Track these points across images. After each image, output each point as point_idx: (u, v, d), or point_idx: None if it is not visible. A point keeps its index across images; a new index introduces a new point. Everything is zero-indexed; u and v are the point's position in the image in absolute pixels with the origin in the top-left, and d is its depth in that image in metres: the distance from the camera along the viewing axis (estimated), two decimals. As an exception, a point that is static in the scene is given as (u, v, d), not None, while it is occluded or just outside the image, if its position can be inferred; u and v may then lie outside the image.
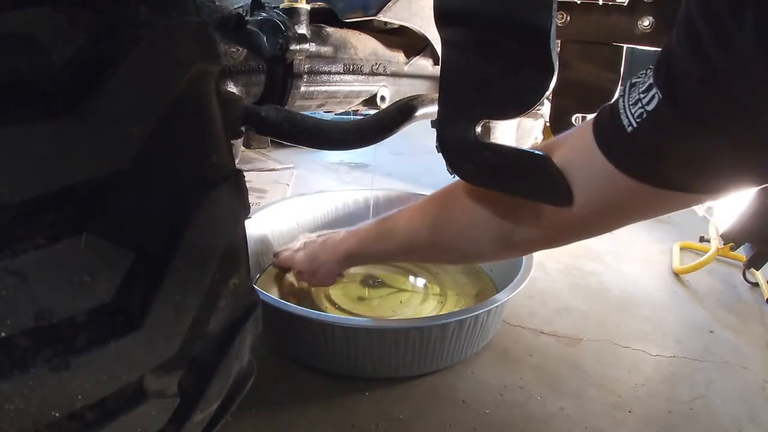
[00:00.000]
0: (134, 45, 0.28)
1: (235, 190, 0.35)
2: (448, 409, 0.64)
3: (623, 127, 0.37)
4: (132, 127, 0.28)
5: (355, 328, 0.64)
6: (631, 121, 0.36)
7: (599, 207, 0.42)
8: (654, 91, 0.35)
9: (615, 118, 0.38)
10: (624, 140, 0.37)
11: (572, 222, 0.44)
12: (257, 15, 0.69)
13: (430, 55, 0.91)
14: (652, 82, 0.35)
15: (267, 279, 0.89)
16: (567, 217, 0.43)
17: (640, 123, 0.36)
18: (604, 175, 0.40)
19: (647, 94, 0.35)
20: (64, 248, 0.25)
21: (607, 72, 0.77)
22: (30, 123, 0.24)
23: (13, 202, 0.24)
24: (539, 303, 0.90)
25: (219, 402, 0.39)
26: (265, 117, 0.58)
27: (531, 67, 0.42)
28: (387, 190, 1.08)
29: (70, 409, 0.27)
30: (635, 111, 0.36)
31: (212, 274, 0.33)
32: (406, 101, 0.65)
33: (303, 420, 0.62)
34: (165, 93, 0.30)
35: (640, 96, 0.36)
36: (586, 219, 0.43)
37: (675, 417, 0.65)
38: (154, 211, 0.30)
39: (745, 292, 0.98)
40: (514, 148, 0.46)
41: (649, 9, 0.69)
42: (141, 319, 0.29)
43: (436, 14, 0.43)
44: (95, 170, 0.26)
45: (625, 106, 0.37)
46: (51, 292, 0.25)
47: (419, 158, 1.78)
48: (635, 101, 0.36)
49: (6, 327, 0.24)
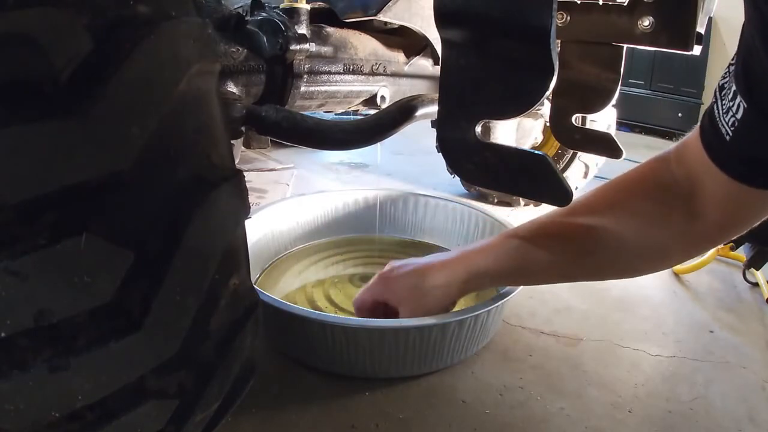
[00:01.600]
0: (134, 45, 0.28)
1: (236, 190, 0.35)
2: (448, 409, 0.64)
3: (723, 136, 0.37)
4: (132, 127, 0.28)
5: (355, 328, 0.64)
6: (727, 129, 0.37)
7: (728, 218, 0.42)
8: (739, 99, 0.35)
9: (715, 129, 0.38)
10: (728, 150, 0.38)
11: (708, 236, 0.44)
12: (257, 15, 0.69)
13: (430, 55, 0.91)
14: (736, 89, 0.36)
15: (267, 279, 0.89)
16: (702, 231, 0.44)
17: (735, 132, 0.36)
18: (724, 189, 0.40)
19: (734, 102, 0.36)
20: (64, 248, 0.25)
21: (607, 72, 0.77)
22: (30, 123, 0.24)
23: (13, 202, 0.24)
24: (539, 303, 0.90)
25: (219, 402, 0.38)
26: (265, 117, 0.58)
27: (531, 67, 0.42)
28: (387, 190, 1.08)
29: (70, 409, 0.27)
30: (728, 120, 0.37)
31: (212, 274, 0.33)
32: (406, 101, 0.65)
33: (303, 420, 0.62)
34: (165, 93, 0.30)
35: (729, 104, 0.36)
36: (720, 231, 0.44)
37: (675, 417, 0.65)
38: (154, 212, 0.30)
39: (745, 292, 0.98)
40: (515, 147, 0.46)
41: (650, 9, 0.69)
42: (141, 319, 0.29)
43: (437, 14, 0.43)
44: (95, 170, 0.26)
45: (719, 114, 0.38)
46: (51, 293, 0.25)
47: (419, 158, 1.78)
48: (726, 109, 0.37)
49: (6, 327, 0.24)
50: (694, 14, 0.67)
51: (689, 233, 0.45)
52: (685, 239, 0.46)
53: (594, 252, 0.53)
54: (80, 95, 0.26)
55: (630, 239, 0.49)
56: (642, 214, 0.48)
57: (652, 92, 2.42)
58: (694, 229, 0.44)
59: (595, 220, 0.52)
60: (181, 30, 0.31)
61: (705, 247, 0.49)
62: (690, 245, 0.47)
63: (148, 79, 0.29)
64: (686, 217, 0.44)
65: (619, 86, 0.77)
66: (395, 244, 1.04)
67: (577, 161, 1.28)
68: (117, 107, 0.27)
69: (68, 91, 0.26)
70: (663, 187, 0.47)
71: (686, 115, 2.33)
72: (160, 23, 0.29)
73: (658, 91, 2.41)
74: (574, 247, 0.54)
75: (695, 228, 0.44)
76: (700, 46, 0.69)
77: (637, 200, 0.49)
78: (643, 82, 2.42)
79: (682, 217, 0.44)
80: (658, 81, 2.40)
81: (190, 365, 0.34)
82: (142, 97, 0.28)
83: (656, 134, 2.42)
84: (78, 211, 0.26)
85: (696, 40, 0.68)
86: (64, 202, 0.26)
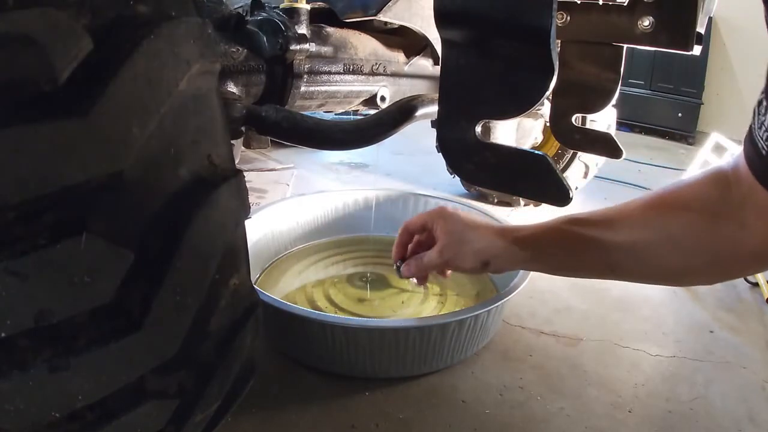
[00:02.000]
0: (135, 45, 0.28)
1: (236, 191, 0.35)
2: (448, 409, 0.64)
3: (760, 151, 0.37)
4: (132, 128, 0.28)
5: (355, 328, 0.64)
6: (763, 144, 0.36)
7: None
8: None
9: (753, 144, 0.38)
10: (765, 164, 0.37)
11: (756, 251, 0.43)
12: (257, 15, 0.69)
13: (430, 55, 0.91)
14: (766, 103, 0.35)
15: (267, 279, 0.89)
16: (750, 244, 0.43)
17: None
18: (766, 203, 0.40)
19: (766, 117, 0.36)
20: (64, 249, 0.25)
21: (607, 72, 0.77)
22: (31, 123, 0.24)
23: (14, 203, 0.24)
24: (539, 303, 0.90)
25: (219, 402, 0.38)
26: (265, 117, 0.58)
27: (531, 67, 0.42)
28: (387, 190, 1.08)
29: (70, 409, 0.27)
30: (763, 135, 0.36)
31: (212, 274, 0.33)
32: (406, 101, 0.65)
33: (303, 420, 0.62)
34: (165, 93, 0.30)
35: (762, 119, 0.36)
36: (766, 246, 0.43)
37: (675, 417, 0.65)
38: (154, 212, 0.30)
39: (745, 292, 0.98)
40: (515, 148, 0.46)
41: (650, 9, 0.69)
42: (141, 319, 0.29)
43: (437, 14, 0.43)
44: (95, 171, 0.26)
45: (756, 129, 0.37)
46: (51, 293, 0.25)
47: (419, 158, 1.78)
48: (760, 124, 0.37)
49: (6, 327, 0.24)
50: (694, 14, 0.67)
51: (739, 243, 0.45)
52: (734, 248, 0.45)
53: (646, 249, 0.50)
54: (80, 95, 0.26)
55: (683, 242, 0.48)
56: (694, 220, 0.47)
57: (652, 92, 2.42)
58: (743, 240, 0.44)
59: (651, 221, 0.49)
60: (182, 30, 0.31)
61: (753, 263, 0.47)
62: (738, 256, 0.46)
63: (149, 79, 0.29)
64: (736, 227, 0.44)
65: (619, 86, 0.77)
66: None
67: (577, 161, 1.28)
68: (117, 107, 0.27)
69: (68, 92, 0.26)
70: (718, 197, 0.46)
71: (686, 115, 2.32)
72: (161, 23, 0.29)
73: (658, 91, 2.40)
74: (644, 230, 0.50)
75: (744, 239, 0.44)
76: (700, 46, 0.69)
77: (690, 206, 0.48)
78: (643, 82, 2.42)
79: (733, 226, 0.44)
80: (658, 81, 2.40)
81: (190, 365, 0.34)
82: (143, 98, 0.28)
83: (656, 134, 2.42)
84: (78, 211, 0.26)
85: (696, 40, 0.68)
86: (64, 203, 0.26)
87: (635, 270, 0.52)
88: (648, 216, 0.49)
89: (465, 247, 0.59)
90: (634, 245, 0.50)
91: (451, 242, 0.60)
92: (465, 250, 0.59)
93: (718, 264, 0.47)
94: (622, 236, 0.50)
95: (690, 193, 0.48)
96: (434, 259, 0.61)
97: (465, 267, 0.60)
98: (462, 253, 0.59)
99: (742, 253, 0.45)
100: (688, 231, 0.47)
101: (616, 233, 0.51)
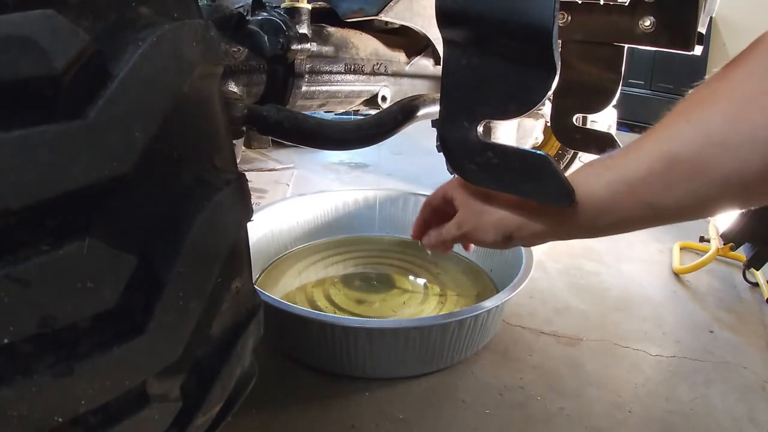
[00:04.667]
0: (136, 48, 0.28)
1: (238, 194, 0.35)
2: (448, 409, 0.64)
3: None
4: (134, 131, 0.28)
5: (355, 328, 0.64)
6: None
7: None
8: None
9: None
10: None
11: None
12: (258, 15, 0.69)
13: (432, 54, 0.91)
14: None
15: (267, 279, 0.89)
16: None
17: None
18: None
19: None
20: (66, 254, 0.25)
21: (608, 72, 0.77)
22: (32, 127, 0.24)
23: (15, 208, 0.24)
24: (539, 303, 0.90)
25: (221, 405, 0.38)
26: (266, 117, 0.58)
27: (533, 66, 0.41)
28: (387, 190, 1.08)
29: (73, 414, 0.27)
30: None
31: (215, 277, 0.33)
32: (407, 101, 0.65)
33: (303, 420, 0.62)
34: (167, 96, 0.29)
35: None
36: None
37: (675, 417, 0.65)
38: (156, 216, 0.30)
39: (745, 292, 0.98)
40: (517, 147, 0.46)
41: (651, 9, 0.69)
42: (144, 324, 0.29)
43: (438, 14, 0.43)
44: (97, 175, 0.26)
45: None
46: (54, 298, 0.25)
47: (419, 158, 1.78)
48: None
49: (9, 333, 0.24)
50: (695, 14, 0.67)
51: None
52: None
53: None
54: (82, 98, 0.26)
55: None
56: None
57: (652, 92, 2.41)
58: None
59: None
60: (184, 32, 0.31)
61: None
62: None
63: (151, 81, 0.28)
64: None
65: (620, 86, 0.77)
66: (395, 244, 1.03)
67: (577, 161, 1.28)
68: (119, 110, 0.27)
69: (70, 95, 0.25)
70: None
71: (686, 115, 2.32)
72: (163, 25, 0.29)
73: (658, 91, 2.40)
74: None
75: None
76: (701, 47, 0.69)
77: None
78: (643, 82, 2.42)
79: None
80: (658, 81, 2.40)
81: (193, 369, 0.34)
82: (145, 101, 0.28)
83: (656, 133, 2.41)
84: (80, 215, 0.26)
85: (697, 41, 0.68)
86: (66, 207, 0.26)
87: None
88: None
89: (484, 217, 0.54)
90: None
91: (469, 213, 0.55)
92: (484, 221, 0.54)
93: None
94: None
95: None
96: (453, 231, 0.57)
97: (486, 240, 0.54)
98: (482, 224, 0.54)
99: None
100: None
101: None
